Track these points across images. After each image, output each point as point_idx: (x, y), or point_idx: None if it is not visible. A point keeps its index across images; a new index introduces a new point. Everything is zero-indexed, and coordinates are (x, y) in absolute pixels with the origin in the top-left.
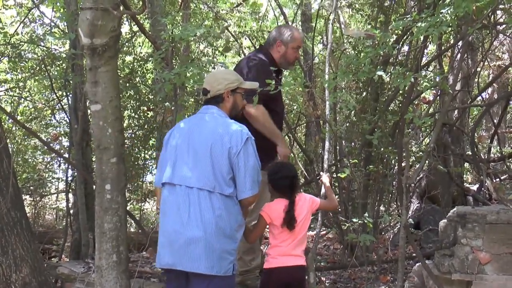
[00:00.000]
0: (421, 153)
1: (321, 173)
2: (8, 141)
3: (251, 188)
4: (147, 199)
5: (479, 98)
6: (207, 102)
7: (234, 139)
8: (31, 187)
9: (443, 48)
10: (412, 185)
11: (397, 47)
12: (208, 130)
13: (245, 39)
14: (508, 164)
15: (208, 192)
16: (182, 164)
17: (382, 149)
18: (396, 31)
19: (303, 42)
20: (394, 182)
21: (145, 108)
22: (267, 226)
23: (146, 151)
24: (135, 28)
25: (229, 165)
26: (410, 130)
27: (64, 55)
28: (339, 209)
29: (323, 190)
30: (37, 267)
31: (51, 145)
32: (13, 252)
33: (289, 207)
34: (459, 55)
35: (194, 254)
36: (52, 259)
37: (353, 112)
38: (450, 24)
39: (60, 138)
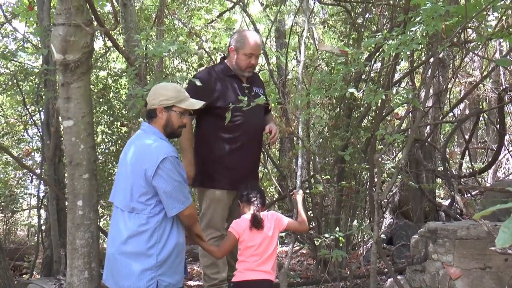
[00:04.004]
0: (393, 169)
1: (294, 190)
2: None
3: (179, 204)
4: None
5: (451, 114)
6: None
7: (150, 160)
8: (3, 203)
9: (414, 65)
10: (385, 200)
11: (369, 64)
12: (133, 150)
13: (220, 55)
14: (479, 179)
15: (127, 212)
16: (117, 183)
17: (354, 165)
18: (369, 48)
19: (260, 49)
20: (366, 198)
21: (119, 124)
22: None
23: None
24: (109, 43)
25: (147, 187)
26: (382, 146)
27: (36, 70)
28: (312, 225)
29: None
30: (7, 284)
31: (23, 160)
32: None
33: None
34: (429, 72)
35: (116, 271)
36: (23, 276)
37: (326, 128)
38: (420, 42)
39: (32, 154)
